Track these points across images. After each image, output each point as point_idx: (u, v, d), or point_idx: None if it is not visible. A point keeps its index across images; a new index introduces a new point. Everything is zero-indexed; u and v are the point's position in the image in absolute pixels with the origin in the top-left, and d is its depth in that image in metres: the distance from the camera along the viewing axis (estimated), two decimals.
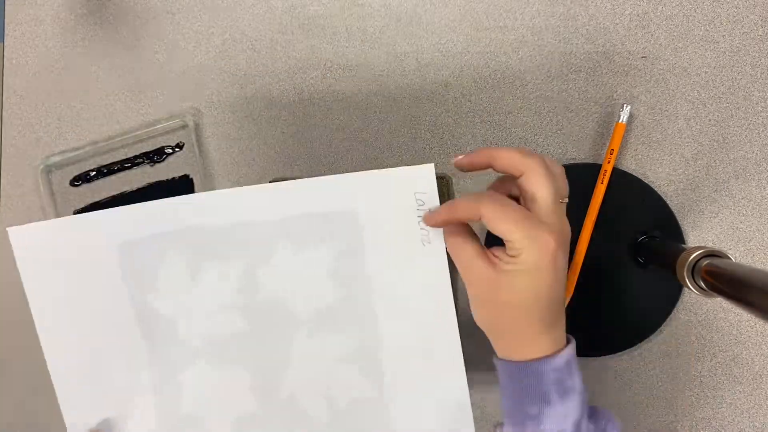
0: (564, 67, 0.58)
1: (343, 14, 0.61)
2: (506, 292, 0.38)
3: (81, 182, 0.64)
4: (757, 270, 0.37)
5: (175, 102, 0.63)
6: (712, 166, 0.56)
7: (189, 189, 0.62)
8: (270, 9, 0.62)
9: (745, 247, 0.56)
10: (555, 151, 0.57)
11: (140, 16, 0.64)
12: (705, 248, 0.43)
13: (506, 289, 0.38)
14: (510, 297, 0.38)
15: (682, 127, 0.56)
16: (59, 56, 0.65)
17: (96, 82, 0.64)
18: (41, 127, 0.65)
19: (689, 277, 0.43)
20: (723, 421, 0.58)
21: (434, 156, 0.59)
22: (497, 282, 0.38)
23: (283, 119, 0.61)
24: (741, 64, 0.56)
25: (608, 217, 0.55)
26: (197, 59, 0.63)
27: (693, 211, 0.55)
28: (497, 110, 0.58)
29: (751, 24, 0.56)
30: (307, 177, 0.60)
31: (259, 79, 0.62)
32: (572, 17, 0.58)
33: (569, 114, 0.58)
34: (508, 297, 0.38)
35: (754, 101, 0.56)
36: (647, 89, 0.57)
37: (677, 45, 0.57)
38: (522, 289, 0.37)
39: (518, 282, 0.37)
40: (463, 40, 0.59)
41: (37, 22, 0.66)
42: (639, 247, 0.54)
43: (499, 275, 0.38)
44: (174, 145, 0.63)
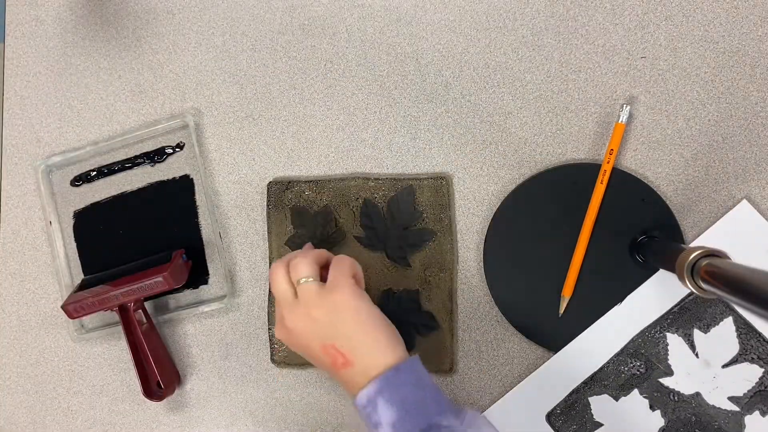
0: (564, 67, 0.58)
1: (343, 14, 0.61)
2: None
3: (81, 182, 0.64)
4: (756, 270, 0.37)
5: (175, 102, 0.63)
6: (712, 166, 0.56)
7: (189, 189, 0.62)
8: (270, 9, 0.62)
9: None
10: (555, 151, 0.57)
11: (140, 16, 0.64)
12: (705, 248, 0.43)
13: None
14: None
15: (682, 127, 0.56)
16: (59, 56, 0.65)
17: (96, 82, 0.64)
18: (41, 127, 0.65)
19: (689, 277, 0.43)
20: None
21: (434, 156, 0.59)
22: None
23: (283, 119, 0.61)
24: (740, 64, 0.56)
25: (608, 217, 0.55)
26: (197, 59, 0.63)
27: (693, 211, 0.55)
28: (497, 110, 0.59)
29: (751, 24, 0.56)
30: (307, 177, 0.60)
31: (259, 79, 0.62)
32: (572, 17, 0.58)
33: (569, 114, 0.58)
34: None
35: (753, 101, 0.56)
36: (647, 89, 0.57)
37: (677, 45, 0.57)
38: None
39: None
40: (463, 40, 0.59)
41: (38, 22, 0.66)
42: (639, 247, 0.54)
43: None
44: (174, 145, 0.63)
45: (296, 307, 0.46)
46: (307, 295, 0.46)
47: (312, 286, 0.46)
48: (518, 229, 0.57)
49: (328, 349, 0.45)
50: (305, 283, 0.46)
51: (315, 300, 0.45)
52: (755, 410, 0.53)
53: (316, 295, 0.45)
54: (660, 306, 0.55)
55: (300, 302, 0.46)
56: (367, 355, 0.44)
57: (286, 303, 0.47)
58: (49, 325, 0.64)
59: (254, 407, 0.60)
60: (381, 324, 0.46)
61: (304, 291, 0.46)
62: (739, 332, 0.54)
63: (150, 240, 0.62)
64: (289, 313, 0.46)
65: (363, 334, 0.45)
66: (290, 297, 0.47)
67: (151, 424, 0.62)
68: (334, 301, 0.45)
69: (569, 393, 0.55)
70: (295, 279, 0.47)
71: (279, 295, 0.47)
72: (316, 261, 0.48)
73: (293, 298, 0.47)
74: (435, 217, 0.58)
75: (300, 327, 0.46)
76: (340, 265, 0.47)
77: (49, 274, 0.64)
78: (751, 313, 0.37)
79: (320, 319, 0.45)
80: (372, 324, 0.45)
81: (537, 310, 0.56)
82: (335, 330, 0.45)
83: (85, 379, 0.63)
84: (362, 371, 0.44)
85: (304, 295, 0.46)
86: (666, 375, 0.54)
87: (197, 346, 0.61)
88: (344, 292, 0.45)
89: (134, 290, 0.57)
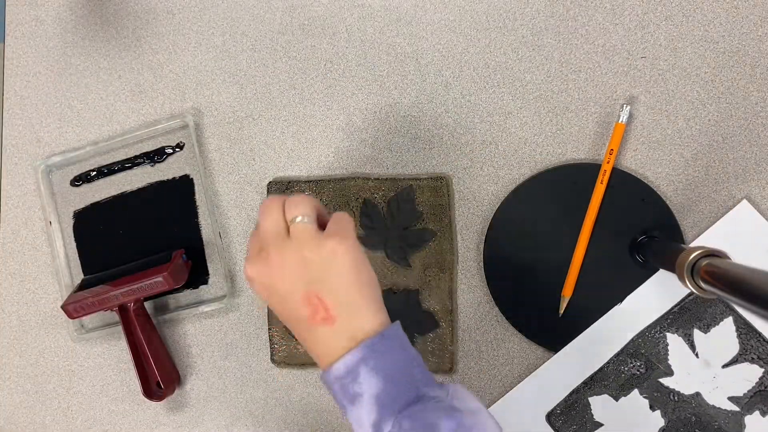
0: (564, 67, 0.58)
1: (343, 14, 0.61)
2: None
3: (81, 182, 0.64)
4: (756, 270, 0.37)
5: (175, 102, 0.63)
6: (712, 166, 0.56)
7: (189, 189, 0.62)
8: (270, 9, 0.62)
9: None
10: (555, 151, 0.57)
11: (140, 16, 0.64)
12: (705, 248, 0.43)
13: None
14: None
15: (682, 127, 0.56)
16: (59, 56, 0.65)
17: (96, 82, 0.64)
18: (41, 127, 0.65)
19: (689, 277, 0.43)
20: None
21: (434, 156, 0.59)
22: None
23: (283, 119, 0.61)
24: (740, 64, 0.56)
25: (608, 217, 0.55)
26: (197, 59, 0.63)
27: (693, 211, 0.55)
28: (497, 110, 0.59)
29: (751, 24, 0.56)
30: (307, 177, 0.60)
31: (259, 79, 0.62)
32: (572, 17, 0.58)
33: (569, 114, 0.58)
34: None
35: (753, 101, 0.56)
36: (647, 89, 0.57)
37: (677, 45, 0.57)
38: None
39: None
40: (463, 40, 0.59)
41: (38, 22, 0.66)
42: (639, 247, 0.54)
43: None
44: (174, 145, 0.63)
45: (287, 243, 0.41)
46: (303, 233, 0.40)
47: (309, 226, 0.41)
48: (518, 229, 0.57)
49: (311, 297, 0.39)
50: (302, 222, 0.41)
51: (312, 241, 0.40)
52: (755, 410, 0.53)
53: (313, 237, 0.40)
54: (660, 306, 0.55)
55: (293, 239, 0.41)
56: (354, 315, 0.40)
57: (275, 237, 0.41)
58: (49, 325, 0.64)
59: (254, 407, 0.60)
60: (374, 285, 0.41)
61: (299, 229, 0.41)
62: (739, 332, 0.54)
63: (150, 240, 0.62)
64: (277, 249, 0.40)
65: (355, 291, 0.40)
66: (282, 232, 0.41)
67: (151, 424, 0.62)
68: (332, 248, 0.40)
69: (569, 393, 0.55)
70: (291, 216, 0.41)
71: (269, 227, 0.41)
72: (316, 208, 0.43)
73: (284, 234, 0.41)
74: (435, 217, 0.58)
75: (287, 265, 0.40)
76: (343, 218, 0.42)
77: (49, 274, 0.64)
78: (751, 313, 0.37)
79: (313, 263, 0.40)
80: (367, 283, 0.41)
81: (537, 310, 0.56)
82: (326, 278, 0.40)
83: (85, 379, 0.63)
84: (343, 332, 0.39)
85: (300, 233, 0.41)
86: (666, 375, 0.54)
87: (197, 346, 0.61)
88: (347, 244, 0.40)
89: (134, 290, 0.57)
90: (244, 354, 0.61)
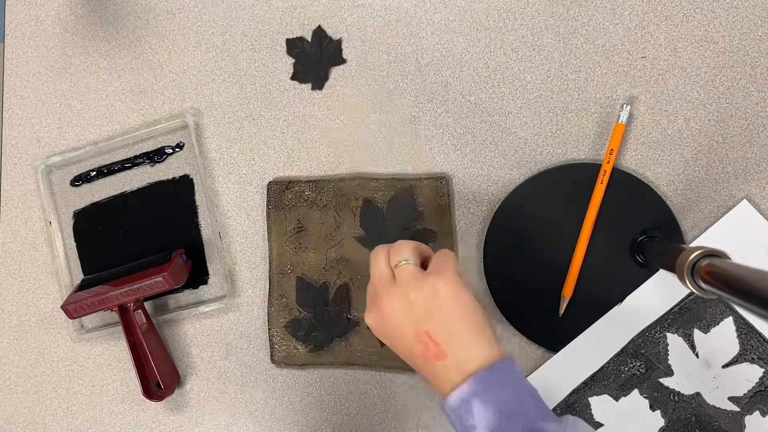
0: (564, 67, 0.58)
1: (343, 14, 0.61)
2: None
3: (81, 182, 0.64)
4: (756, 270, 0.37)
5: (175, 102, 0.63)
6: (712, 166, 0.56)
7: (189, 189, 0.62)
8: (270, 9, 0.62)
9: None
10: (555, 151, 0.57)
11: (140, 16, 0.64)
12: (705, 248, 0.43)
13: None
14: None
15: (682, 127, 0.56)
16: (59, 56, 0.65)
17: (96, 82, 0.64)
18: (41, 127, 0.65)
19: (689, 277, 0.43)
20: None
21: (434, 156, 0.59)
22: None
23: (283, 119, 0.61)
24: (740, 64, 0.56)
25: (608, 217, 0.55)
26: (197, 59, 0.63)
27: (693, 211, 0.55)
28: (497, 110, 0.59)
29: (751, 24, 0.56)
30: (307, 177, 0.60)
31: (259, 79, 0.62)
32: (572, 17, 0.58)
33: (569, 114, 0.58)
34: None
35: (753, 101, 0.56)
36: (647, 89, 0.57)
37: (677, 45, 0.57)
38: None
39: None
40: (463, 40, 0.59)
41: (38, 22, 0.66)
42: (639, 247, 0.54)
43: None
44: (174, 145, 0.63)
45: (393, 288, 0.43)
46: (405, 276, 0.43)
47: (411, 267, 0.43)
48: (518, 230, 0.57)
49: (421, 335, 0.41)
50: (405, 265, 0.43)
51: (413, 282, 0.42)
52: (755, 410, 0.53)
53: (415, 278, 0.43)
54: (660, 306, 0.55)
55: (398, 283, 0.43)
56: (464, 348, 0.41)
57: (383, 284, 0.44)
58: (49, 325, 0.64)
59: (254, 407, 0.60)
60: (481, 316, 0.42)
61: (402, 272, 0.43)
62: (739, 332, 0.54)
63: (150, 240, 0.62)
64: (385, 294, 0.43)
65: (461, 323, 0.41)
66: (388, 278, 0.44)
67: (151, 424, 0.62)
68: (434, 285, 0.42)
69: (569, 393, 0.55)
70: (395, 261, 0.44)
71: (377, 275, 0.44)
72: (418, 249, 0.45)
73: (391, 279, 0.44)
74: (435, 217, 0.58)
75: (395, 309, 0.42)
76: (445, 254, 0.45)
77: (49, 274, 0.64)
78: (751, 313, 0.37)
79: (417, 303, 0.42)
80: (472, 315, 0.42)
81: (537, 310, 0.56)
82: (432, 315, 0.41)
83: (85, 379, 0.63)
84: (456, 365, 0.40)
85: (403, 276, 0.43)
86: (666, 375, 0.54)
87: (197, 346, 0.61)
88: (447, 278, 0.42)
89: (134, 290, 0.57)
90: (244, 354, 0.61)
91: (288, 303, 0.59)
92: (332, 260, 0.59)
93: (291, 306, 0.59)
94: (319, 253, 0.59)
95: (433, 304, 0.42)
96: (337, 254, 0.59)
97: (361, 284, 0.58)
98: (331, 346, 0.59)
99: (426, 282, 0.42)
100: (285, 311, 0.59)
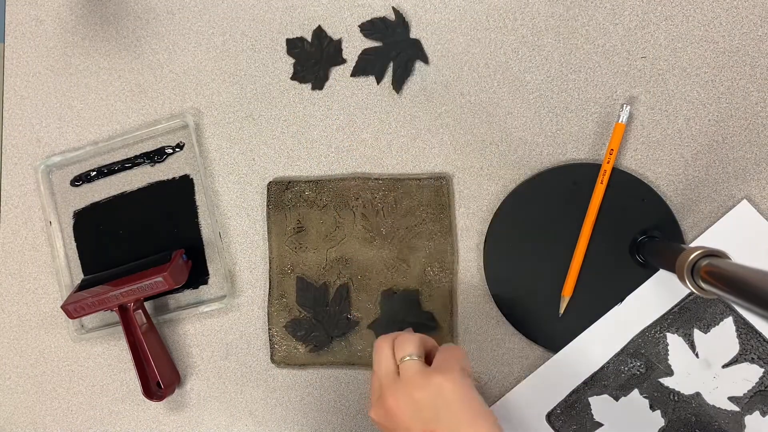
0: (564, 67, 0.58)
1: (343, 14, 0.61)
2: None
3: (81, 182, 0.64)
4: (756, 270, 0.37)
5: (175, 102, 0.63)
6: (712, 166, 0.56)
7: (189, 189, 0.62)
8: (270, 9, 0.62)
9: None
10: (555, 151, 0.57)
11: (140, 16, 0.64)
12: (705, 248, 0.43)
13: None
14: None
15: (682, 127, 0.56)
16: (59, 56, 0.65)
17: (96, 82, 0.64)
18: (41, 127, 0.65)
19: (689, 277, 0.43)
20: None
21: (434, 156, 0.59)
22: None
23: (283, 119, 0.61)
24: (740, 64, 0.56)
25: (608, 217, 0.55)
26: (197, 59, 0.63)
27: (693, 211, 0.55)
28: (497, 110, 0.59)
29: (751, 24, 0.56)
30: (307, 177, 0.60)
31: (259, 79, 0.62)
32: (572, 17, 0.58)
33: (569, 114, 0.58)
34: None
35: (753, 101, 0.56)
36: (647, 89, 0.57)
37: (677, 45, 0.57)
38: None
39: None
40: (463, 40, 0.59)
41: (37, 22, 0.66)
42: (639, 247, 0.54)
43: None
44: (174, 145, 0.63)
45: (398, 385, 0.43)
46: (410, 373, 0.43)
47: (416, 364, 0.44)
48: (518, 230, 0.57)
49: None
50: (409, 361, 0.44)
51: (418, 380, 0.43)
52: (755, 410, 0.53)
53: (420, 375, 0.43)
54: (660, 306, 0.55)
55: (402, 381, 0.43)
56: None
57: (388, 380, 0.44)
58: (49, 325, 0.64)
59: (254, 407, 0.60)
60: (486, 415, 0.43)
61: (407, 368, 0.44)
62: (739, 332, 0.54)
63: (150, 240, 0.62)
64: (390, 392, 0.43)
65: (467, 423, 0.42)
66: (392, 374, 0.44)
67: (151, 424, 0.62)
68: (439, 385, 0.42)
69: (569, 393, 0.55)
70: (400, 356, 0.44)
71: (381, 371, 0.45)
72: (422, 343, 0.45)
73: (395, 376, 0.44)
74: (435, 217, 0.58)
75: (401, 408, 0.43)
76: (450, 350, 0.45)
77: (49, 274, 0.64)
78: (751, 313, 0.37)
79: (423, 403, 0.42)
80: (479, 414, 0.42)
81: (537, 310, 0.56)
82: (438, 416, 0.42)
83: (85, 379, 0.63)
84: None
85: (407, 374, 0.43)
86: (666, 375, 0.54)
87: (197, 346, 0.61)
88: (452, 379, 0.42)
89: (134, 290, 0.57)
90: (244, 354, 0.61)
91: (288, 303, 0.59)
92: (332, 260, 0.59)
93: (291, 306, 0.59)
94: (319, 253, 0.59)
95: (440, 404, 0.42)
96: (337, 254, 0.59)
97: (361, 284, 0.59)
98: (331, 346, 0.59)
99: (431, 381, 0.42)
100: (285, 311, 0.59)
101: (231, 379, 0.61)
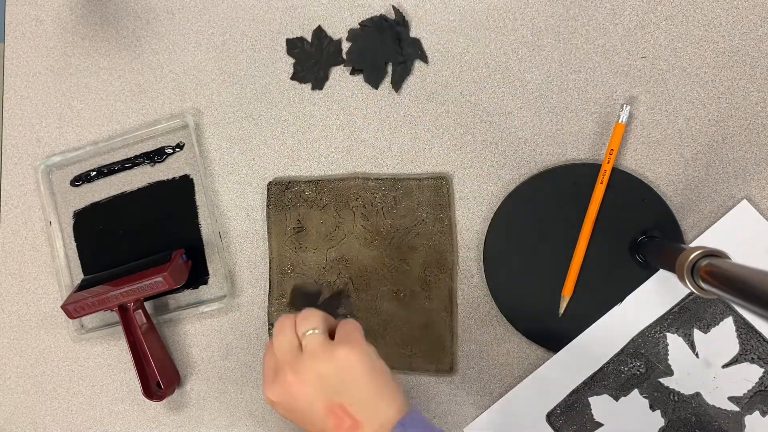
0: (563, 67, 0.58)
1: (343, 14, 0.61)
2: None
3: (81, 182, 0.64)
4: (756, 270, 0.37)
5: (175, 102, 0.63)
6: (712, 166, 0.56)
7: (189, 189, 0.62)
8: (270, 9, 0.62)
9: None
10: (555, 151, 0.57)
11: (140, 16, 0.64)
12: (705, 248, 0.43)
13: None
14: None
15: (682, 127, 0.56)
16: (59, 56, 0.65)
17: (96, 82, 0.64)
18: (41, 127, 0.65)
19: (689, 277, 0.43)
20: None
21: (434, 156, 0.59)
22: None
23: (283, 119, 0.61)
24: (740, 64, 0.56)
25: (608, 217, 0.55)
26: (197, 59, 0.63)
27: (693, 211, 0.55)
28: (497, 110, 0.59)
29: (751, 24, 0.56)
30: (307, 177, 0.60)
31: (259, 79, 0.62)
32: (572, 17, 0.58)
33: (569, 114, 0.58)
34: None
35: (753, 101, 0.56)
36: (647, 89, 0.57)
37: (677, 45, 0.57)
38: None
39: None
40: (463, 40, 0.59)
41: (37, 22, 0.66)
42: (639, 247, 0.54)
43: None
44: (174, 145, 0.63)
45: (301, 360, 0.42)
46: (314, 346, 0.42)
47: (320, 337, 0.43)
48: (518, 229, 0.57)
49: (334, 409, 0.41)
50: (312, 335, 0.43)
51: (323, 353, 0.42)
52: (755, 410, 0.53)
53: (324, 348, 0.42)
54: (660, 306, 0.55)
55: (305, 354, 0.42)
56: (377, 415, 0.41)
57: (290, 356, 0.43)
58: (49, 325, 0.64)
59: (254, 407, 0.60)
60: (390, 380, 0.43)
61: (310, 342, 0.42)
62: (739, 332, 0.54)
63: (150, 240, 0.62)
64: (293, 368, 0.42)
65: (375, 392, 0.41)
66: (295, 349, 0.43)
67: (151, 424, 0.62)
68: (345, 356, 0.41)
69: (569, 393, 0.55)
70: (302, 331, 0.43)
71: (283, 345, 0.43)
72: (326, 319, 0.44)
73: (298, 351, 0.43)
74: (435, 217, 0.58)
75: (304, 382, 0.41)
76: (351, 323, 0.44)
77: (49, 274, 0.64)
78: (751, 313, 0.37)
79: (328, 375, 0.41)
80: (383, 381, 0.42)
81: (537, 310, 0.56)
82: (344, 387, 0.41)
83: (85, 379, 0.63)
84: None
85: (311, 346, 0.42)
86: (666, 375, 0.54)
87: (197, 346, 0.61)
88: (358, 350, 0.42)
89: (134, 290, 0.57)
90: (244, 354, 0.61)
91: (288, 303, 0.59)
92: (332, 260, 0.59)
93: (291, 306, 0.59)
94: (319, 253, 0.59)
95: (346, 376, 0.41)
96: (337, 254, 0.59)
97: (361, 284, 0.59)
98: None
99: (337, 353, 0.41)
100: (285, 311, 0.59)
101: (231, 379, 0.61)
